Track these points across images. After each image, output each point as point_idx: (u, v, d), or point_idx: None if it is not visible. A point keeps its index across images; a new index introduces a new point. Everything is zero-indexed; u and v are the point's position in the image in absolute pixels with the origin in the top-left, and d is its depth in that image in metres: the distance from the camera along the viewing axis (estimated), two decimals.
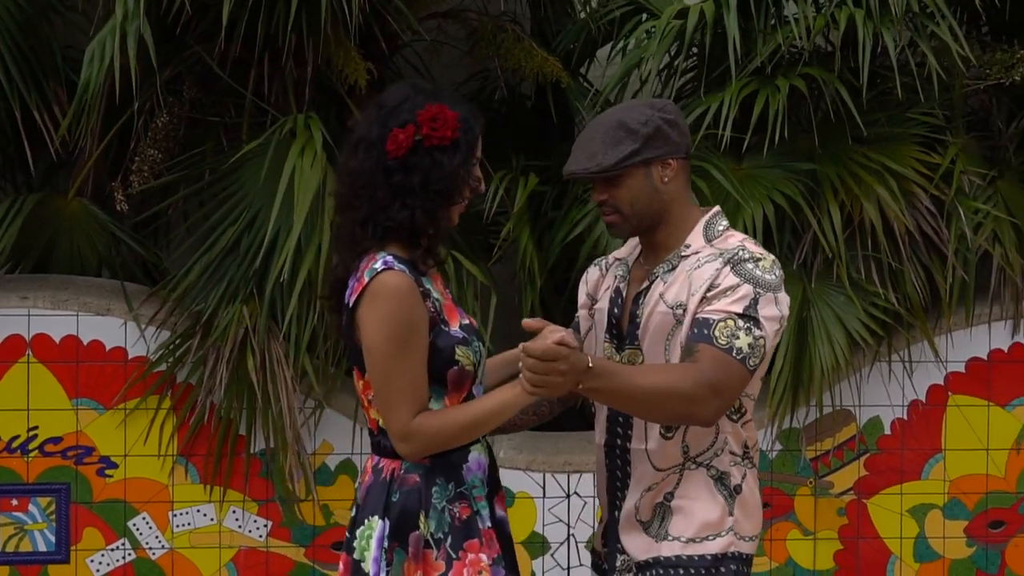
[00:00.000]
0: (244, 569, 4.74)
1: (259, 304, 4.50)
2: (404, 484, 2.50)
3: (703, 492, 2.57)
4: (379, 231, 2.48)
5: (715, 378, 2.39)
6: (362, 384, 2.55)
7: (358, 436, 4.73)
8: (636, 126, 2.56)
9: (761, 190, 4.70)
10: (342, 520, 4.75)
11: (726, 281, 2.48)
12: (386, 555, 2.47)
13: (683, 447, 2.57)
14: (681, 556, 2.54)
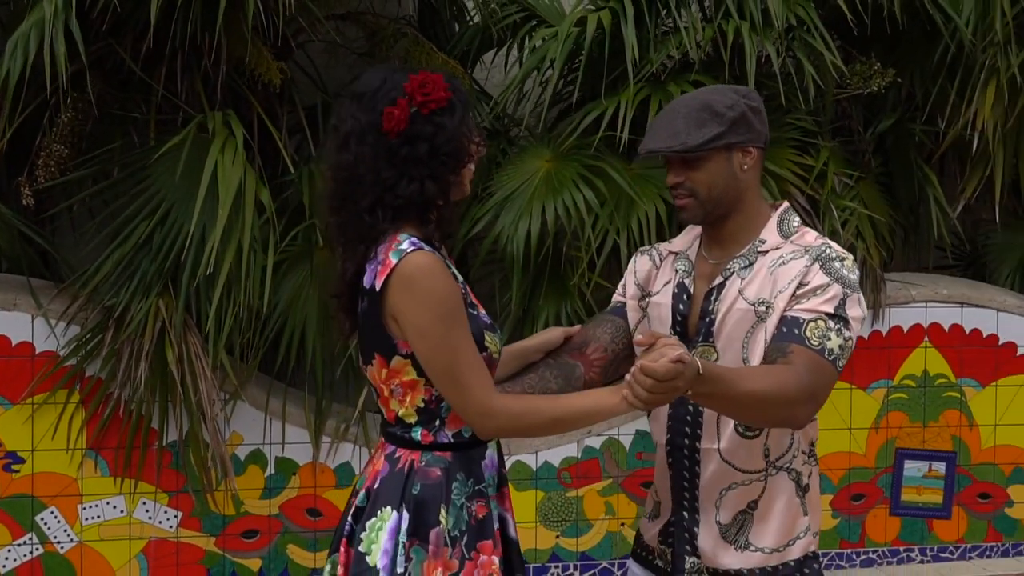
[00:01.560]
0: (154, 560, 4.78)
1: (174, 298, 4.56)
2: (426, 477, 2.39)
3: (785, 499, 2.52)
4: (389, 213, 2.38)
5: (811, 382, 2.33)
6: (386, 372, 2.39)
7: (268, 427, 4.84)
8: (722, 109, 2.47)
9: (652, 189, 5.00)
10: (252, 509, 4.85)
11: (816, 279, 2.42)
12: (404, 551, 2.35)
13: (764, 449, 2.50)
14: (766, 568, 2.51)
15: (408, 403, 2.38)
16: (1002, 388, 5.57)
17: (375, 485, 2.42)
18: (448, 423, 2.41)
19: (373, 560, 2.35)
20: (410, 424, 2.40)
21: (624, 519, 5.21)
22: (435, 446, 2.40)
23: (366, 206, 2.37)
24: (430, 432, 2.41)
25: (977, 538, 5.60)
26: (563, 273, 5.08)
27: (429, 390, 2.38)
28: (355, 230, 2.40)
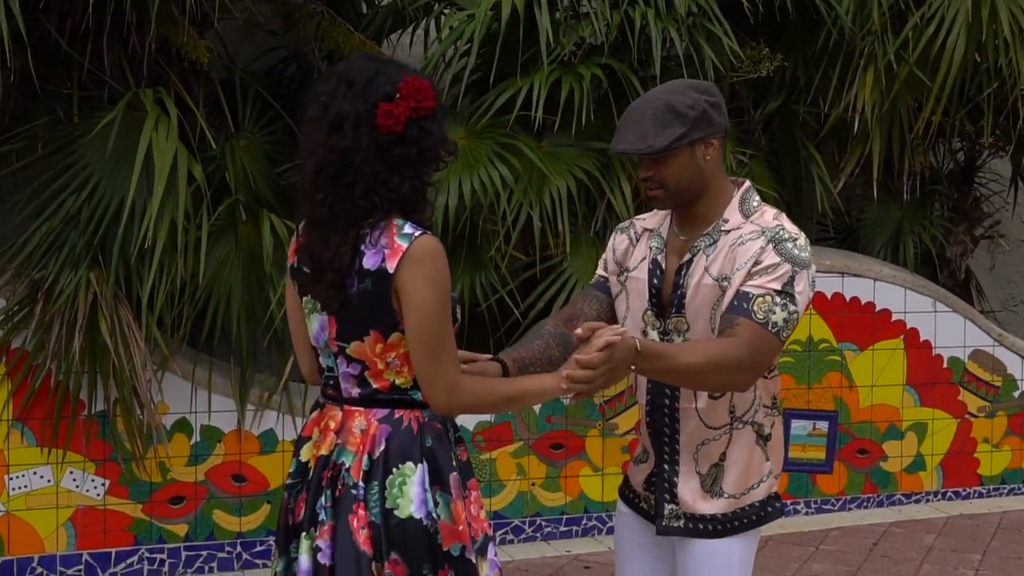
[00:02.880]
0: (82, 527, 4.87)
1: (105, 271, 4.64)
2: (433, 430, 2.55)
3: (748, 449, 2.77)
4: (384, 203, 2.49)
5: (752, 351, 2.57)
6: (381, 347, 2.51)
7: (194, 397, 4.96)
8: (684, 110, 2.66)
9: (563, 166, 5.27)
10: (178, 476, 4.98)
11: (768, 259, 2.64)
12: (431, 497, 2.50)
13: (730, 407, 2.74)
14: (735, 510, 2.76)
15: (407, 373, 2.53)
16: (878, 352, 6.02)
17: (380, 447, 2.52)
18: None
19: (406, 512, 2.47)
20: (406, 388, 2.55)
21: (535, 479, 5.49)
22: (427, 404, 2.57)
23: (360, 193, 2.48)
24: None
25: (856, 490, 6.05)
26: (479, 246, 5.32)
27: None
28: (347, 211, 2.49)
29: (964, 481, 6.27)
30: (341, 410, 2.58)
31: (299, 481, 2.62)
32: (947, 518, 5.95)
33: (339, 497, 2.52)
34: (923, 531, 5.73)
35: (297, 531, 2.59)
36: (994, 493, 6.32)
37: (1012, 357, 6.33)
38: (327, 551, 2.51)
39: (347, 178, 2.49)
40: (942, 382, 6.17)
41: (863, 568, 5.19)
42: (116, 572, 4.92)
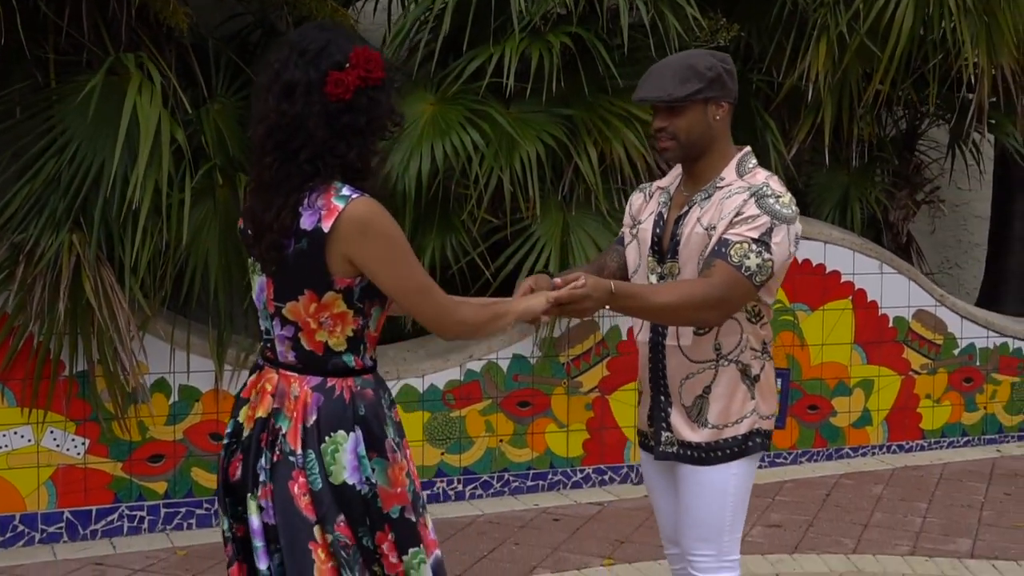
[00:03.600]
0: (63, 486, 4.95)
1: (87, 234, 4.71)
2: (364, 399, 2.63)
3: (733, 384, 3.02)
4: (328, 168, 2.57)
5: (722, 291, 2.85)
6: (315, 307, 2.59)
7: (173, 357, 5.05)
8: (703, 70, 2.94)
9: (532, 132, 5.41)
10: (157, 435, 5.07)
11: (749, 211, 2.91)
12: (367, 464, 2.59)
13: (715, 345, 3.00)
14: (718, 440, 3.04)
15: (339, 333, 2.62)
16: (828, 312, 6.27)
17: (313, 416, 2.60)
18: (368, 347, 2.70)
19: (340, 479, 2.57)
20: (340, 352, 2.62)
21: (502, 436, 5.66)
22: (364, 370, 2.69)
23: (306, 158, 2.57)
24: (359, 358, 2.65)
25: (807, 444, 6.31)
26: (450, 209, 5.45)
27: (357, 320, 2.63)
28: (290, 174, 2.58)
29: (907, 435, 6.56)
30: (277, 374, 2.67)
31: (234, 441, 2.71)
32: (893, 470, 6.23)
33: (277, 462, 2.61)
34: (871, 482, 6.00)
35: (233, 489, 2.69)
36: (935, 446, 6.62)
37: (953, 317, 6.62)
38: (269, 510, 2.61)
39: (295, 143, 2.58)
40: (887, 341, 6.44)
41: (818, 517, 5.44)
42: (97, 529, 5.00)
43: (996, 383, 6.75)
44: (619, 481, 5.91)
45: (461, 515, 5.40)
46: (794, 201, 3.00)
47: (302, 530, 2.55)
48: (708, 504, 3.09)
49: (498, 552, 4.94)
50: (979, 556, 4.96)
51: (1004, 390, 6.78)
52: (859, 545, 5.08)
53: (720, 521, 3.11)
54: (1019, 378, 6.81)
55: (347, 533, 2.57)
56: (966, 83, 6.38)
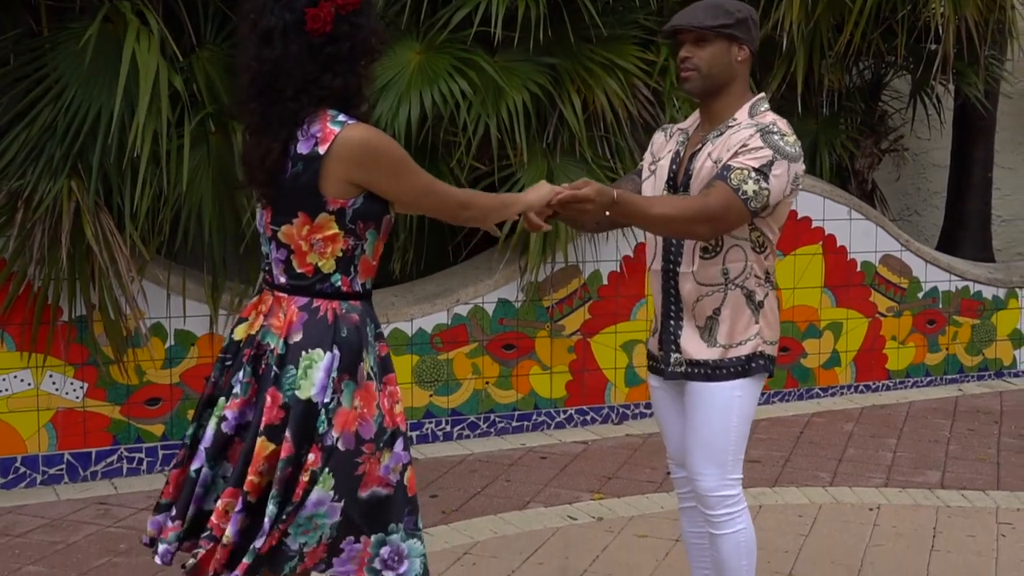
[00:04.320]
0: (62, 429, 5.04)
1: (85, 180, 4.77)
2: (348, 322, 2.70)
3: (739, 307, 3.22)
4: (314, 100, 2.64)
5: (716, 208, 3.03)
6: (308, 228, 2.67)
7: (168, 302, 5.14)
8: (732, 10, 3.16)
9: (518, 80, 5.52)
10: (154, 379, 5.17)
11: (753, 143, 3.09)
12: (333, 384, 2.65)
13: (723, 270, 3.20)
14: (722, 359, 3.23)
15: (328, 254, 2.71)
16: (799, 257, 6.46)
17: (296, 333, 2.68)
18: (360, 273, 2.79)
19: (306, 394, 2.63)
20: (328, 274, 2.70)
21: (488, 378, 5.81)
22: (352, 295, 2.78)
23: (291, 95, 2.64)
24: (348, 281, 2.72)
25: (779, 385, 6.52)
26: (439, 156, 5.56)
27: (347, 241, 2.72)
28: (279, 114, 2.66)
29: (874, 375, 6.79)
30: (272, 295, 2.77)
31: (229, 356, 2.81)
32: (861, 408, 6.47)
33: (262, 375, 2.70)
34: (842, 420, 6.23)
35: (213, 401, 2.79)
36: (900, 386, 6.87)
37: (917, 261, 6.85)
38: (232, 422, 2.71)
39: (279, 84, 2.67)
40: (855, 284, 6.66)
41: (795, 453, 5.66)
42: (96, 471, 5.10)
43: (957, 325, 7.00)
44: (600, 421, 6.09)
45: (451, 455, 5.55)
46: (798, 143, 3.17)
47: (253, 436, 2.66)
48: (713, 424, 3.27)
49: (491, 488, 5.10)
50: (948, 487, 5.20)
51: (965, 332, 7.04)
52: (835, 478, 5.30)
53: (724, 441, 3.28)
54: (979, 320, 7.07)
55: (288, 448, 2.63)
56: (932, 34, 6.56)
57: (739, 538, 3.34)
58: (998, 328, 7.12)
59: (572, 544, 4.47)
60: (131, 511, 4.75)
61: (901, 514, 4.83)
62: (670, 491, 5.09)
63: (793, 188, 3.19)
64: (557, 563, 4.28)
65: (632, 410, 6.16)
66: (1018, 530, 4.66)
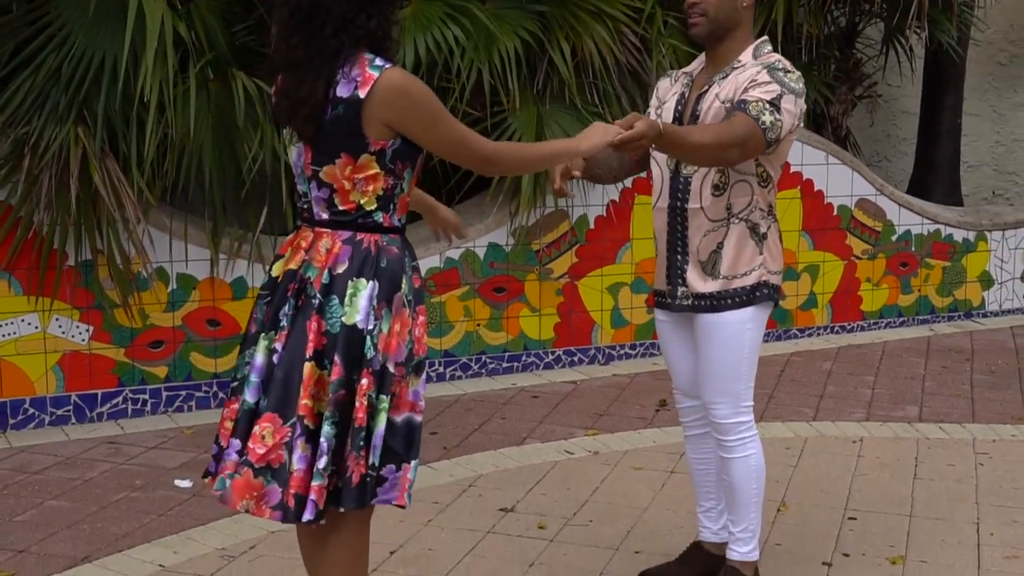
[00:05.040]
0: (69, 371, 5.15)
1: (91, 127, 4.84)
2: (389, 254, 2.81)
3: (743, 240, 3.38)
4: (353, 40, 2.72)
5: (742, 134, 3.16)
6: (351, 168, 2.77)
7: (171, 247, 5.24)
8: None
9: (509, 27, 5.63)
10: (157, 322, 5.28)
11: (761, 79, 3.26)
12: (374, 311, 2.76)
13: (727, 205, 3.37)
14: (728, 289, 3.39)
15: (370, 192, 2.82)
16: (779, 200, 6.56)
17: (341, 264, 2.80)
18: (398, 209, 2.90)
19: (351, 320, 2.75)
20: (370, 211, 2.81)
21: (479, 320, 5.96)
22: (391, 229, 2.90)
23: (330, 32, 2.72)
24: (388, 217, 2.84)
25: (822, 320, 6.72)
26: None
27: (387, 180, 2.84)
28: (319, 51, 2.74)
29: (849, 316, 7.01)
30: (312, 231, 2.87)
31: (268, 293, 2.91)
32: (838, 348, 6.69)
33: (301, 306, 2.80)
34: (820, 359, 6.45)
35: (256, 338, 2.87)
36: (874, 327, 7.09)
37: (891, 205, 7.06)
38: (280, 354, 2.81)
39: (318, 20, 2.76)
40: (832, 228, 6.86)
41: (778, 390, 5.87)
42: (102, 412, 5.22)
43: (929, 267, 7.23)
44: (587, 362, 6.26)
45: (445, 394, 5.71)
46: (802, 79, 3.33)
47: (297, 364, 2.76)
48: (725, 356, 3.44)
49: (488, 425, 5.27)
50: (926, 420, 5.43)
51: (936, 274, 7.27)
52: (818, 414, 5.51)
53: (736, 371, 3.46)
54: (950, 263, 7.29)
55: (338, 372, 2.75)
56: None
57: (750, 462, 3.53)
58: (968, 270, 7.36)
59: (571, 477, 4.65)
60: (141, 449, 4.88)
61: (883, 446, 5.05)
62: (661, 427, 5.29)
63: (798, 123, 3.34)
64: (559, 494, 4.46)
65: (618, 351, 6.34)
66: (995, 459, 4.89)
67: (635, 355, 6.38)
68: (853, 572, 3.82)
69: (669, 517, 4.26)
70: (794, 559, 3.92)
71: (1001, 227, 7.44)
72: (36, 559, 3.85)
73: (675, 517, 4.25)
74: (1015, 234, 7.49)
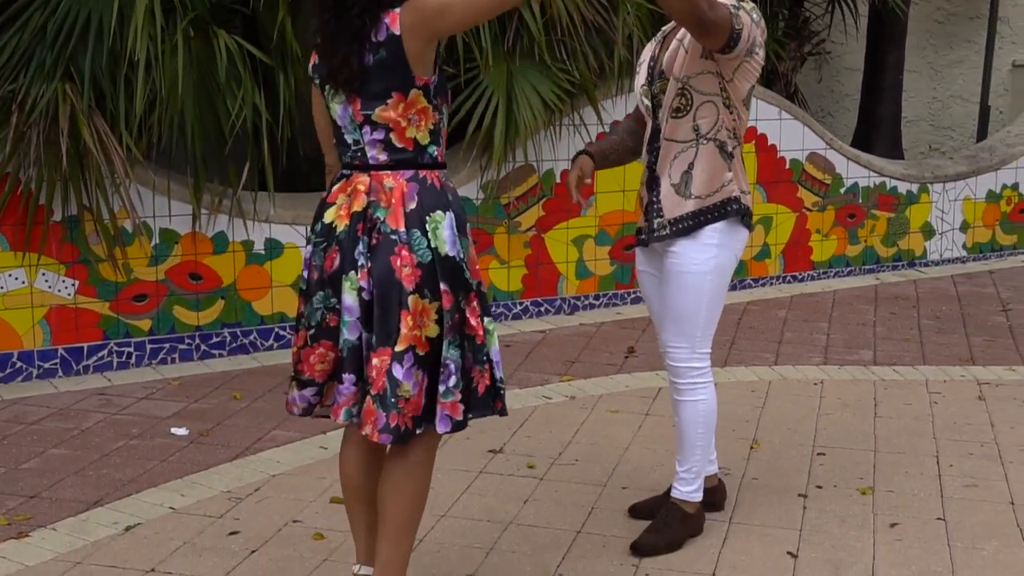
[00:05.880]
0: (56, 325, 5.25)
1: (79, 84, 4.92)
2: (450, 188, 3.05)
3: (713, 158, 3.54)
4: (375, 17, 2.91)
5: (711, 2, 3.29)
6: (403, 106, 2.92)
7: (154, 202, 5.35)
8: None
9: None
10: (141, 276, 5.39)
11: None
12: (458, 240, 3.00)
13: (694, 126, 3.53)
14: (700, 208, 3.56)
15: (423, 127, 2.99)
16: None
17: (413, 201, 2.98)
18: (443, 143, 3.06)
19: (443, 251, 2.97)
20: (425, 145, 2.99)
21: None
22: (442, 164, 3.12)
23: (357, 13, 2.94)
24: (440, 151, 3.04)
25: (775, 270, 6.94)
26: None
27: (435, 115, 3.01)
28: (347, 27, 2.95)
29: (800, 266, 7.30)
30: (369, 175, 3.03)
31: (323, 239, 3.07)
32: (791, 297, 6.97)
33: (378, 244, 2.96)
34: (775, 308, 6.73)
35: (330, 280, 3.04)
36: (823, 276, 7.39)
37: (839, 159, 7.33)
38: (368, 289, 3.00)
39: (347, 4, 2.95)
40: (784, 181, 7.12)
41: (738, 337, 6.13)
42: (88, 364, 5.33)
43: (875, 219, 7.53)
44: (554, 312, 6.48)
45: None
46: (758, 13, 3.49)
47: (396, 297, 2.95)
48: (685, 296, 3.61)
49: None
50: (881, 363, 5.73)
51: (881, 225, 7.57)
52: (778, 359, 5.78)
53: (695, 315, 3.63)
54: (894, 214, 7.60)
55: (448, 299, 2.98)
56: None
57: (699, 407, 3.72)
58: (911, 221, 7.68)
59: (552, 420, 4.87)
60: (131, 400, 5.01)
61: (843, 387, 5.33)
62: (631, 372, 5.53)
63: (753, 48, 3.47)
64: (543, 436, 4.67)
65: (583, 301, 6.56)
66: (947, 398, 5.20)
67: (599, 305, 6.60)
68: (827, 502, 4.09)
69: (649, 456, 4.49)
70: (771, 491, 4.18)
71: (942, 179, 7.76)
72: (49, 503, 3.98)
73: (655, 456, 4.48)
74: (955, 186, 7.82)
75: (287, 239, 5.68)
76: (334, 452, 4.45)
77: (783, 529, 3.88)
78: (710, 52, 3.47)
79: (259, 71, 5.40)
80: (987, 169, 7.93)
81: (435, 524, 3.87)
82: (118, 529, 3.80)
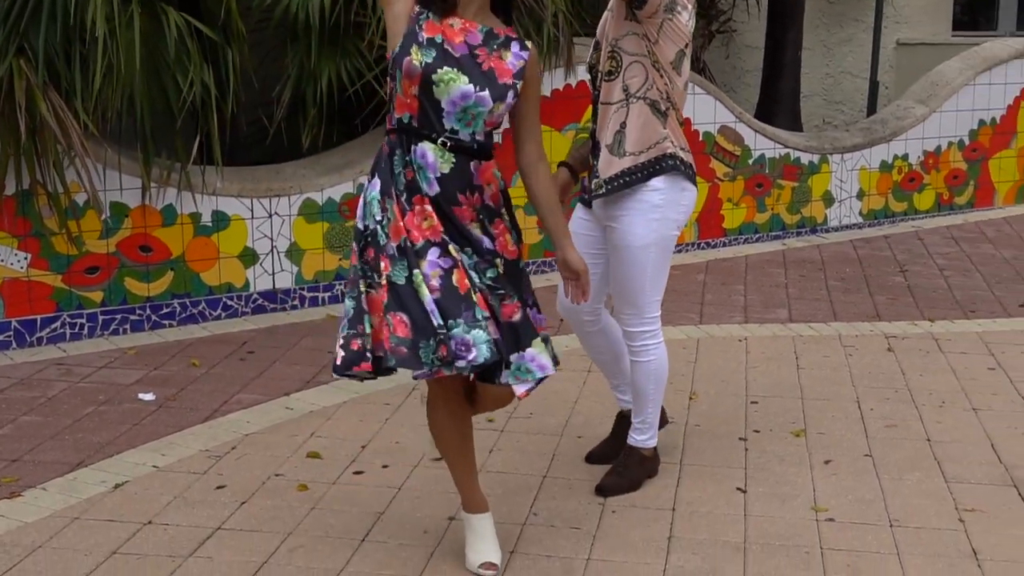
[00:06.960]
0: (9, 298, 5.35)
1: (32, 60, 5.03)
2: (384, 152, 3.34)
3: (645, 116, 3.68)
4: None
5: None
6: None
7: (104, 176, 5.47)
8: None
9: None
10: (92, 249, 5.51)
11: None
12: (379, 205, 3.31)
13: (624, 86, 3.68)
14: (635, 165, 3.68)
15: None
16: None
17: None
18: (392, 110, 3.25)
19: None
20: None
21: None
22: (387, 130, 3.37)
23: None
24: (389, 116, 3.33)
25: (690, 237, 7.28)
26: (349, 36, 6.00)
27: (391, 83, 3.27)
28: None
29: (713, 233, 7.69)
30: None
31: None
32: (707, 262, 7.36)
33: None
34: (693, 272, 7.10)
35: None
36: (734, 242, 7.79)
37: (748, 131, 7.73)
38: None
39: None
40: (698, 152, 7.48)
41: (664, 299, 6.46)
42: (42, 336, 5.44)
43: (781, 188, 7.96)
44: None
45: None
46: None
47: None
48: (630, 272, 3.84)
49: None
50: (796, 321, 6.13)
51: (787, 194, 8.00)
52: (702, 319, 6.15)
53: (640, 286, 3.87)
54: (798, 183, 8.04)
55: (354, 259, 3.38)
56: None
57: (649, 367, 4.01)
58: (813, 190, 8.12)
59: None
60: (92, 369, 5.15)
61: (765, 343, 5.72)
62: (567, 334, 5.82)
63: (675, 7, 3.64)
64: None
65: None
66: (860, 350, 5.62)
67: (530, 272, 6.85)
68: (765, 444, 4.45)
69: (598, 408, 4.80)
70: (714, 436, 4.53)
71: (840, 151, 8.22)
72: (33, 466, 4.13)
73: (603, 408, 4.80)
74: (852, 157, 8.28)
75: (233, 211, 5.84)
76: (301, 412, 4.69)
77: (730, 468, 4.23)
78: (633, 13, 3.64)
79: (206, 48, 5.54)
80: (880, 141, 8.41)
81: (410, 473, 4.13)
82: (107, 487, 3.98)
